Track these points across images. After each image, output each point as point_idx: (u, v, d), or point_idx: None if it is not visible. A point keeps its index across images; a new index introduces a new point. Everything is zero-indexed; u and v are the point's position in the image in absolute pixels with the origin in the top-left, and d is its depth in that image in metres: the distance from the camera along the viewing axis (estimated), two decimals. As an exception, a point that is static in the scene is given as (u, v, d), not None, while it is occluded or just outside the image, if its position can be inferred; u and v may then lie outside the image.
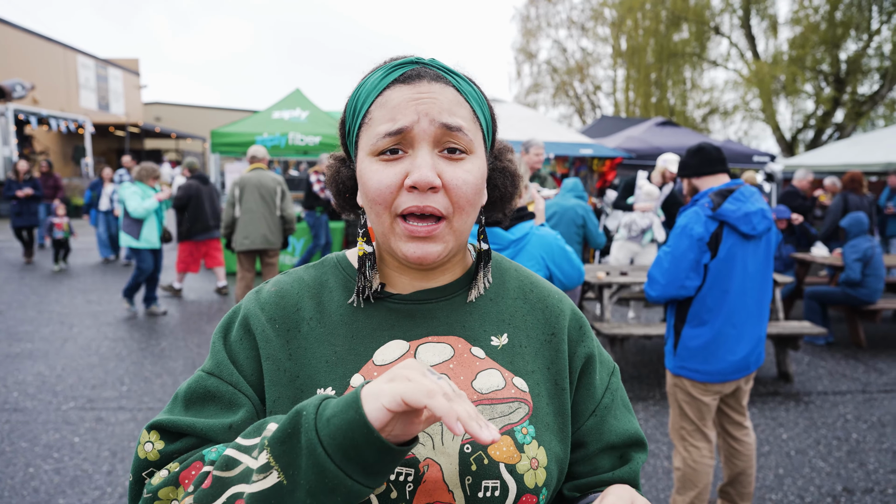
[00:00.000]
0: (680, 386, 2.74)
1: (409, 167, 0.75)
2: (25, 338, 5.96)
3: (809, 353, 5.85)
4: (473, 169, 0.78)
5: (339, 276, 0.89)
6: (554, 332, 0.89)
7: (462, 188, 0.76)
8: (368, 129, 0.78)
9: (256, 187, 5.84)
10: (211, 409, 0.79)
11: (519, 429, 0.79)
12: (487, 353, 0.84)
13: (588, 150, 9.66)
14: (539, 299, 0.92)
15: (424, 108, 0.75)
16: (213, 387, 0.80)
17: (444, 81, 0.78)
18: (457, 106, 0.77)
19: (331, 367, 0.80)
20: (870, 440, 3.98)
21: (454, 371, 0.81)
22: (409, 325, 0.84)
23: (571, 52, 26.43)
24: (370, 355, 0.81)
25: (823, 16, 18.89)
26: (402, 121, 0.74)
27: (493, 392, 0.80)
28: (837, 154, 11.81)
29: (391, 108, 0.75)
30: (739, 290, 2.60)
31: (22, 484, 3.27)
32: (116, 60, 29.07)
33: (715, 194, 2.61)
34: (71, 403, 4.37)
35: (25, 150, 19.92)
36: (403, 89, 0.76)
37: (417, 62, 0.79)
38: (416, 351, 0.82)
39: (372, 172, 0.76)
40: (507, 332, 0.87)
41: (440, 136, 0.75)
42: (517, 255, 2.59)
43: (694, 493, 2.76)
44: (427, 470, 0.74)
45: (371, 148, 0.77)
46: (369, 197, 0.77)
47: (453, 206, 0.77)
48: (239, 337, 0.83)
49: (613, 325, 5.14)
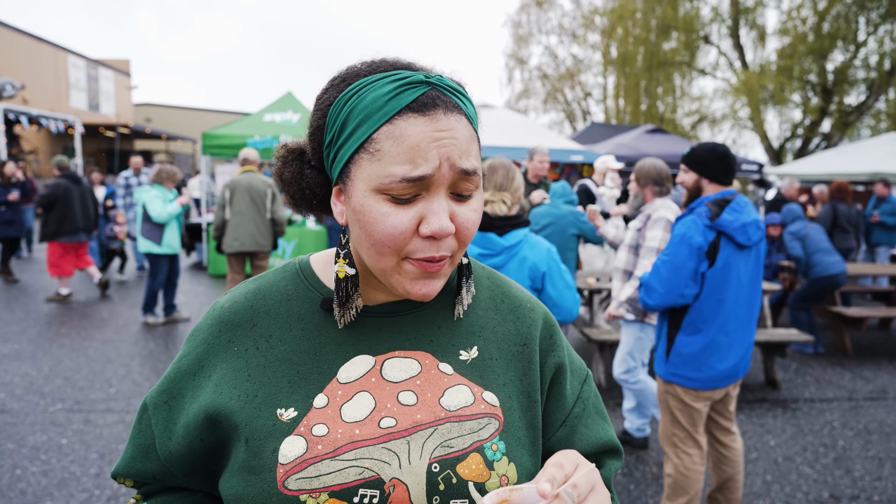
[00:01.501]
0: (672, 393, 2.76)
1: (424, 212, 0.70)
2: (13, 338, 5.90)
3: (797, 361, 5.91)
4: (478, 206, 0.75)
5: (300, 286, 0.84)
6: (526, 343, 0.86)
7: (470, 228, 0.74)
8: (374, 162, 0.69)
9: (247, 190, 5.83)
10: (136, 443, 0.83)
11: (489, 445, 0.76)
12: (455, 369, 0.81)
13: (579, 156, 9.72)
14: (511, 309, 0.89)
15: (446, 152, 0.68)
16: (145, 423, 0.82)
17: (458, 111, 0.71)
18: (471, 143, 0.72)
19: (293, 387, 0.76)
20: (856, 447, 4.03)
21: (421, 388, 0.78)
22: (375, 338, 0.80)
23: (562, 58, 26.61)
24: (334, 373, 0.78)
25: (811, 27, 19.14)
26: (423, 167, 0.68)
27: (461, 409, 0.77)
28: (824, 163, 11.96)
29: (409, 146, 0.68)
30: (733, 299, 2.62)
31: (9, 486, 3.24)
32: (107, 61, 28.90)
33: (712, 203, 2.60)
34: (59, 405, 4.33)
35: (13, 149, 19.73)
36: (420, 123, 0.68)
37: (428, 81, 0.71)
38: (382, 366, 0.79)
39: (382, 216, 0.69)
40: (476, 344, 0.84)
41: (456, 181, 0.71)
42: (509, 261, 2.61)
43: (685, 499, 2.78)
44: (393, 491, 0.71)
45: (378, 185, 0.69)
46: (376, 239, 0.71)
47: (459, 245, 0.75)
48: (190, 364, 0.81)
49: (603, 330, 5.17)
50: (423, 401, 0.76)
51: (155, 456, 0.80)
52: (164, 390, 0.81)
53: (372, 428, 0.73)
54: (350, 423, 0.73)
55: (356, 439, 0.72)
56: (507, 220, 2.61)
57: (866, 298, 9.10)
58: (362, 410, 0.75)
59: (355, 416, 0.74)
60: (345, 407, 0.75)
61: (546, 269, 2.57)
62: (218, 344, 0.81)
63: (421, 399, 0.76)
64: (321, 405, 0.75)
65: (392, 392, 0.76)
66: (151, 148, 32.10)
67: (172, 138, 28.48)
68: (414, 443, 0.73)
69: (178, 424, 0.79)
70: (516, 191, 2.64)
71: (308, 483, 0.70)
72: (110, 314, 7.03)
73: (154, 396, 0.82)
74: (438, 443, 0.74)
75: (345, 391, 0.76)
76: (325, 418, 0.74)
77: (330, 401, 0.75)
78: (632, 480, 3.52)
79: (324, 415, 0.74)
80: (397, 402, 0.76)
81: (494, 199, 2.62)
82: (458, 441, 0.74)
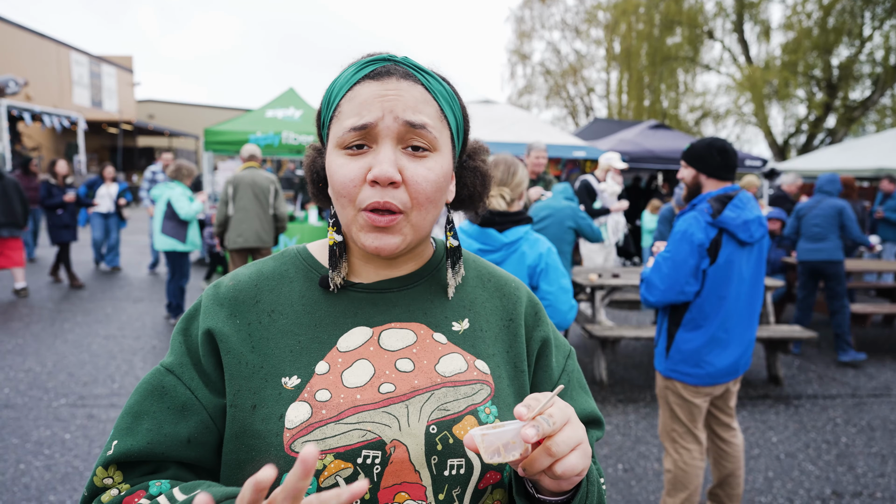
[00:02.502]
0: (671, 388, 2.75)
1: (372, 162, 0.77)
2: (16, 334, 5.92)
3: (799, 357, 5.89)
4: (435, 167, 0.80)
5: (300, 267, 0.90)
6: (512, 318, 0.93)
7: (422, 184, 0.78)
8: (337, 122, 0.80)
9: (250, 186, 5.84)
10: (158, 409, 0.80)
11: (482, 409, 0.81)
12: (449, 339, 0.86)
13: (581, 152, 9.69)
14: (496, 287, 0.96)
15: (389, 105, 0.77)
16: (170, 385, 0.81)
17: (413, 79, 0.80)
18: (423, 104, 0.79)
19: (295, 356, 0.81)
20: (859, 444, 4.02)
21: (417, 356, 0.83)
22: (371, 312, 0.86)
23: (565, 54, 26.54)
24: (334, 342, 0.82)
25: (816, 21, 19.04)
26: (367, 116, 0.76)
27: (455, 375, 0.82)
28: (829, 159, 11.90)
29: (358, 103, 0.78)
30: (735, 296, 2.61)
31: (12, 480, 3.26)
32: (110, 57, 28.90)
33: (714, 200, 2.59)
34: (62, 400, 4.34)
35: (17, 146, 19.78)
36: (372, 85, 0.78)
37: (390, 59, 0.81)
38: (380, 336, 0.84)
39: (337, 166, 0.79)
40: (467, 317, 0.90)
41: (404, 134, 0.77)
42: (508, 257, 2.59)
43: (684, 494, 2.78)
44: (394, 451, 0.76)
45: (338, 141, 0.79)
46: (335, 189, 0.79)
47: (412, 201, 0.78)
48: (199, 333, 0.84)
49: (605, 327, 5.16)
50: (419, 367, 0.82)
51: (197, 409, 0.80)
52: (182, 353, 0.84)
53: (372, 393, 0.78)
54: (351, 389, 0.78)
55: (357, 404, 0.77)
56: (507, 216, 2.60)
57: (870, 295, 9.06)
58: (362, 377, 0.79)
59: (356, 382, 0.79)
60: (345, 373, 0.80)
61: (544, 268, 2.55)
62: (220, 314, 0.84)
63: (418, 366, 0.82)
64: (322, 372, 0.80)
65: (390, 360, 0.82)
66: (154, 144, 32.15)
67: (175, 135, 28.53)
68: (412, 406, 0.78)
69: (210, 377, 0.82)
70: (517, 186, 2.62)
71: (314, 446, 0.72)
72: (114, 310, 7.05)
73: (173, 362, 0.83)
74: (435, 406, 0.79)
75: (345, 359, 0.81)
76: (327, 384, 0.79)
77: (331, 367, 0.80)
78: (633, 476, 3.52)
79: (326, 381, 0.79)
80: (395, 368, 0.81)
81: (494, 194, 2.60)
82: (454, 404, 0.80)
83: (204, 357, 0.82)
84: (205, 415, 0.80)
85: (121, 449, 0.77)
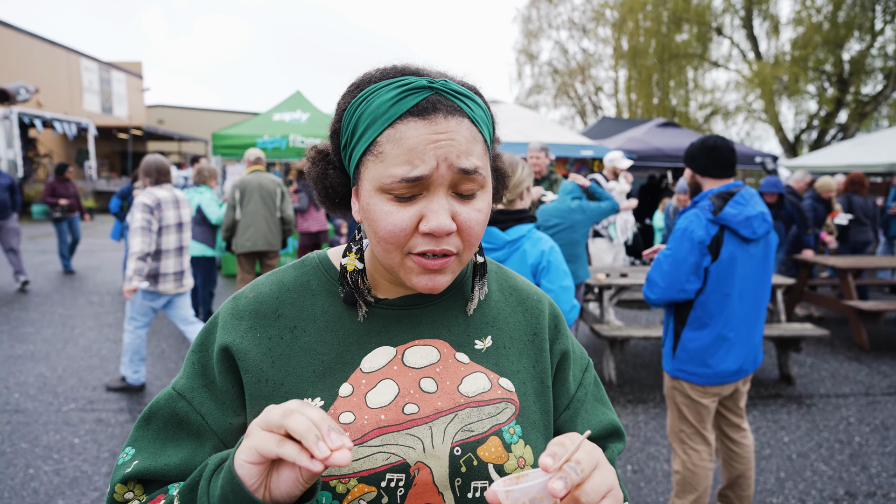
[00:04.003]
0: (679, 389, 2.72)
1: (424, 210, 0.73)
2: (27, 339, 5.97)
3: (812, 356, 5.82)
4: (484, 207, 0.77)
5: (322, 279, 0.88)
6: (536, 332, 0.91)
7: (474, 228, 0.76)
8: (378, 163, 0.73)
9: (257, 189, 5.85)
10: (181, 437, 0.81)
11: (506, 429, 0.80)
12: (472, 358, 0.85)
13: (589, 151, 9.64)
14: (519, 301, 0.94)
15: (443, 153, 0.71)
16: (183, 412, 0.81)
17: (460, 114, 0.74)
18: (472, 143, 0.74)
19: (318, 377, 0.80)
20: (873, 443, 3.96)
21: (440, 375, 0.82)
22: (395, 330, 0.84)
23: (573, 53, 26.45)
24: (358, 363, 0.81)
25: (826, 16, 18.85)
26: (420, 168, 0.71)
27: (479, 395, 0.81)
28: (841, 155, 11.78)
29: (407, 148, 0.71)
30: (739, 294, 2.58)
31: (22, 485, 3.28)
32: (119, 63, 29.16)
33: (715, 197, 2.57)
34: (71, 405, 4.37)
35: (30, 152, 20.00)
36: (419, 126, 0.71)
37: (431, 87, 0.73)
38: (403, 355, 0.82)
39: (384, 214, 0.73)
40: (490, 334, 0.88)
41: (456, 180, 0.74)
42: (511, 255, 2.58)
43: (693, 496, 2.74)
44: (418, 473, 0.75)
45: (381, 185, 0.73)
46: (380, 236, 0.75)
47: (464, 243, 0.77)
48: (215, 350, 0.82)
49: (614, 327, 5.13)
50: (442, 388, 0.81)
51: (209, 434, 0.80)
52: (194, 375, 0.83)
53: (396, 413, 0.77)
54: (375, 409, 0.77)
55: (382, 425, 0.76)
56: (509, 214, 2.59)
57: (884, 292, 8.95)
58: (387, 396, 0.79)
59: (380, 402, 0.78)
60: (369, 394, 0.79)
61: (546, 266, 2.54)
62: (239, 329, 0.82)
63: (441, 387, 0.81)
64: (346, 394, 0.79)
65: (414, 378, 0.81)
66: (164, 149, 32.38)
67: (184, 139, 28.72)
68: (436, 428, 0.78)
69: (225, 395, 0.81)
70: (516, 187, 2.61)
71: (338, 469, 0.74)
72: (123, 315, 7.08)
73: (184, 385, 0.83)
74: (459, 427, 0.78)
75: (368, 380, 0.80)
76: (350, 406, 0.78)
77: (355, 389, 0.79)
78: (642, 478, 3.49)
79: (349, 403, 0.78)
80: (419, 388, 0.80)
81: None
82: (478, 425, 0.79)
83: (220, 375, 0.81)
84: (216, 440, 0.80)
85: (140, 467, 0.78)
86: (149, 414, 0.82)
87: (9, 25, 20.93)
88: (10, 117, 17.04)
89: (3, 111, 16.97)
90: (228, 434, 0.80)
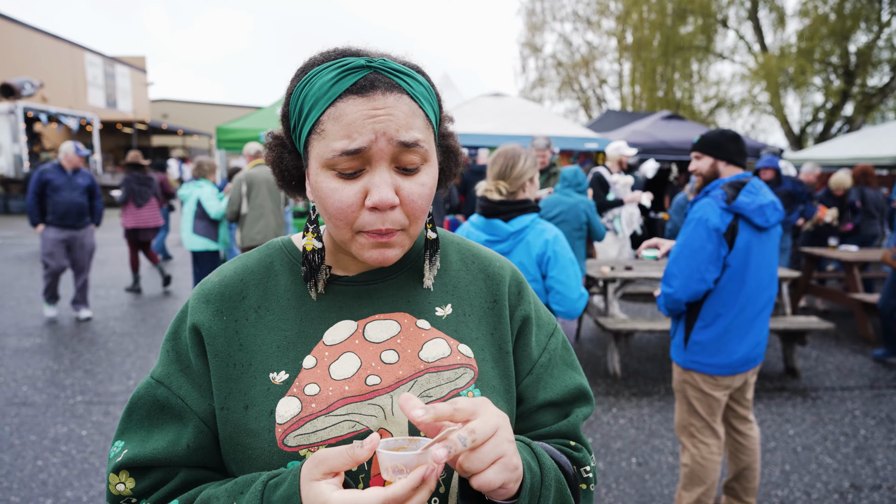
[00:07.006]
0: (690, 382, 2.71)
1: (368, 185, 0.76)
2: (35, 333, 6.01)
3: (817, 349, 5.81)
4: (428, 180, 0.79)
5: (285, 260, 0.91)
6: (496, 300, 0.93)
7: (417, 202, 0.78)
8: (321, 141, 0.76)
9: (264, 183, 5.85)
10: (165, 422, 0.83)
11: (465, 393, 0.83)
12: (432, 324, 0.88)
13: (593, 144, 9.62)
14: (480, 268, 0.96)
15: (381, 127, 0.74)
16: (163, 397, 0.83)
17: (399, 90, 0.76)
18: (412, 118, 0.76)
19: (282, 351, 0.82)
20: (878, 436, 3.96)
21: (402, 345, 0.84)
22: (356, 305, 0.87)
23: (577, 46, 26.30)
24: (320, 336, 0.84)
25: (832, 7, 18.69)
26: (359, 140, 0.73)
27: (438, 360, 0.84)
28: (847, 147, 11.70)
29: (346, 124, 0.74)
30: (754, 283, 2.56)
31: (30, 477, 3.31)
32: (123, 58, 29.17)
33: (727, 186, 2.55)
34: (79, 397, 4.40)
35: (35, 147, 20.04)
36: (357, 103, 0.74)
37: (369, 65, 0.76)
38: (364, 329, 0.85)
39: (330, 190, 0.76)
40: (450, 302, 0.91)
41: (397, 154, 0.76)
42: (515, 246, 2.57)
43: (702, 489, 2.74)
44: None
45: (325, 161, 0.76)
46: (329, 213, 0.78)
47: (409, 217, 0.79)
48: (187, 338, 0.85)
49: (618, 320, 5.13)
50: (403, 357, 0.83)
51: (190, 416, 0.82)
52: (170, 362, 0.85)
53: (359, 385, 0.80)
54: (339, 381, 0.80)
55: (346, 395, 0.79)
56: (512, 205, 2.58)
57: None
58: (349, 369, 0.81)
59: (343, 374, 0.81)
60: (333, 366, 0.81)
61: (551, 255, 2.53)
62: (207, 312, 0.85)
63: (402, 356, 0.83)
64: (310, 366, 0.81)
65: (375, 352, 0.83)
66: (168, 143, 32.43)
67: (188, 133, 28.76)
68: (397, 396, 0.80)
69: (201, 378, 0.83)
70: (517, 179, 2.59)
71: (306, 438, 0.77)
72: (129, 307, 7.12)
73: (161, 373, 0.85)
74: (418, 393, 0.81)
75: (331, 352, 0.83)
76: (315, 378, 0.80)
77: (318, 361, 0.82)
78: (647, 470, 3.49)
79: (314, 374, 0.81)
80: (380, 360, 0.82)
81: (490, 188, 2.62)
82: (437, 390, 0.82)
83: (195, 359, 0.84)
84: (197, 420, 0.82)
85: (129, 455, 0.80)
86: (131, 405, 0.85)
87: (14, 20, 20.96)
88: (15, 112, 17.07)
89: (8, 106, 17.00)
90: (209, 413, 0.82)
